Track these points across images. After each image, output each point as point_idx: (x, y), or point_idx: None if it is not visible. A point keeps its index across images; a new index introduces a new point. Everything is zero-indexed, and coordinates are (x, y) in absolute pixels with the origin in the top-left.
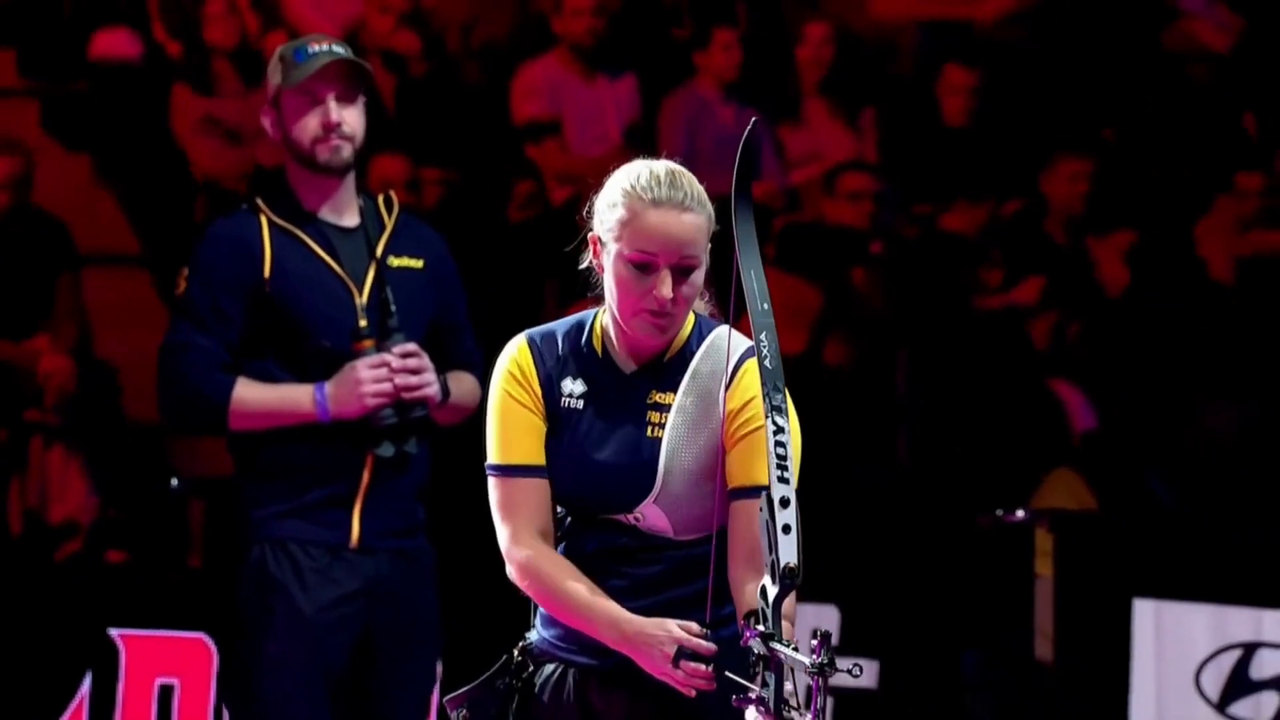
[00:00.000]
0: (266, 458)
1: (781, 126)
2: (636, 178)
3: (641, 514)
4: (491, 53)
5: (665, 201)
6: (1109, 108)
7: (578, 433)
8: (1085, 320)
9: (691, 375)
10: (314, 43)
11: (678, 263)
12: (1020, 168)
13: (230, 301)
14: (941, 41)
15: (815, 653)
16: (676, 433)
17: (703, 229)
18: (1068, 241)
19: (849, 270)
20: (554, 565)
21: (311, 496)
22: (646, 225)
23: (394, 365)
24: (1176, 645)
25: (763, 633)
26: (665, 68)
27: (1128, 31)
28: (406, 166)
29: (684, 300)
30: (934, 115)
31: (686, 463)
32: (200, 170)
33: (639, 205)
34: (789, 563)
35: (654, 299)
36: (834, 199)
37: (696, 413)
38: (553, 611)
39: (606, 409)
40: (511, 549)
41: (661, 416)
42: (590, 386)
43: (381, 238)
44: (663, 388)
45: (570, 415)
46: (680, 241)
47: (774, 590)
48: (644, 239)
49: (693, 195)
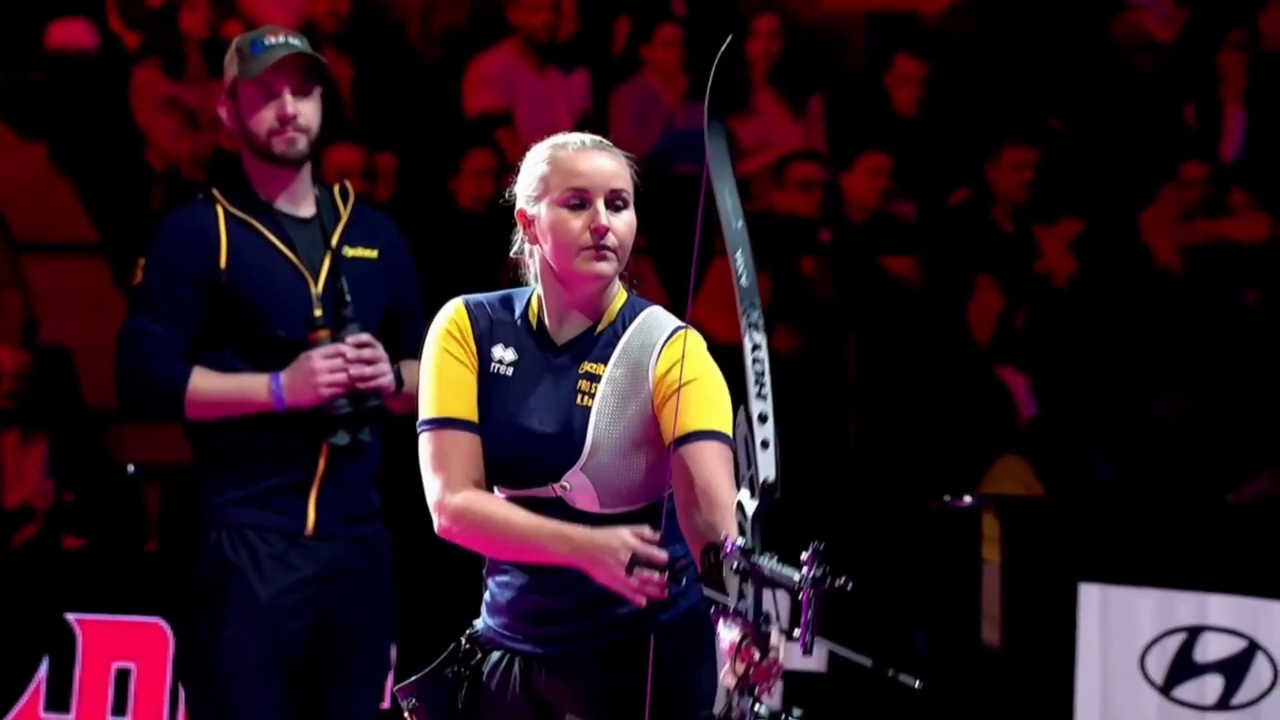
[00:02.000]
0: (223, 445)
1: (731, 117)
2: (555, 140)
3: (568, 483)
4: (450, 40)
5: (589, 146)
6: (1055, 97)
7: (507, 400)
8: (1032, 308)
9: (623, 348)
10: (270, 35)
11: (609, 197)
12: (967, 157)
13: (187, 291)
14: (890, 33)
15: (807, 565)
16: (606, 403)
17: (627, 174)
18: (1014, 230)
19: (798, 259)
20: (491, 501)
21: (268, 484)
22: (573, 165)
23: (349, 355)
24: (1122, 629)
25: (743, 547)
26: (615, 62)
27: (1074, 22)
28: (362, 156)
29: (621, 236)
30: (884, 106)
31: (614, 433)
32: (159, 151)
33: (562, 154)
34: (768, 477)
35: (593, 231)
36: (783, 189)
37: (626, 385)
38: (497, 550)
39: (537, 378)
40: (445, 496)
41: (592, 386)
42: (521, 356)
43: (337, 228)
44: (594, 359)
45: (498, 381)
46: (608, 174)
47: (753, 505)
48: (572, 177)
49: (614, 147)
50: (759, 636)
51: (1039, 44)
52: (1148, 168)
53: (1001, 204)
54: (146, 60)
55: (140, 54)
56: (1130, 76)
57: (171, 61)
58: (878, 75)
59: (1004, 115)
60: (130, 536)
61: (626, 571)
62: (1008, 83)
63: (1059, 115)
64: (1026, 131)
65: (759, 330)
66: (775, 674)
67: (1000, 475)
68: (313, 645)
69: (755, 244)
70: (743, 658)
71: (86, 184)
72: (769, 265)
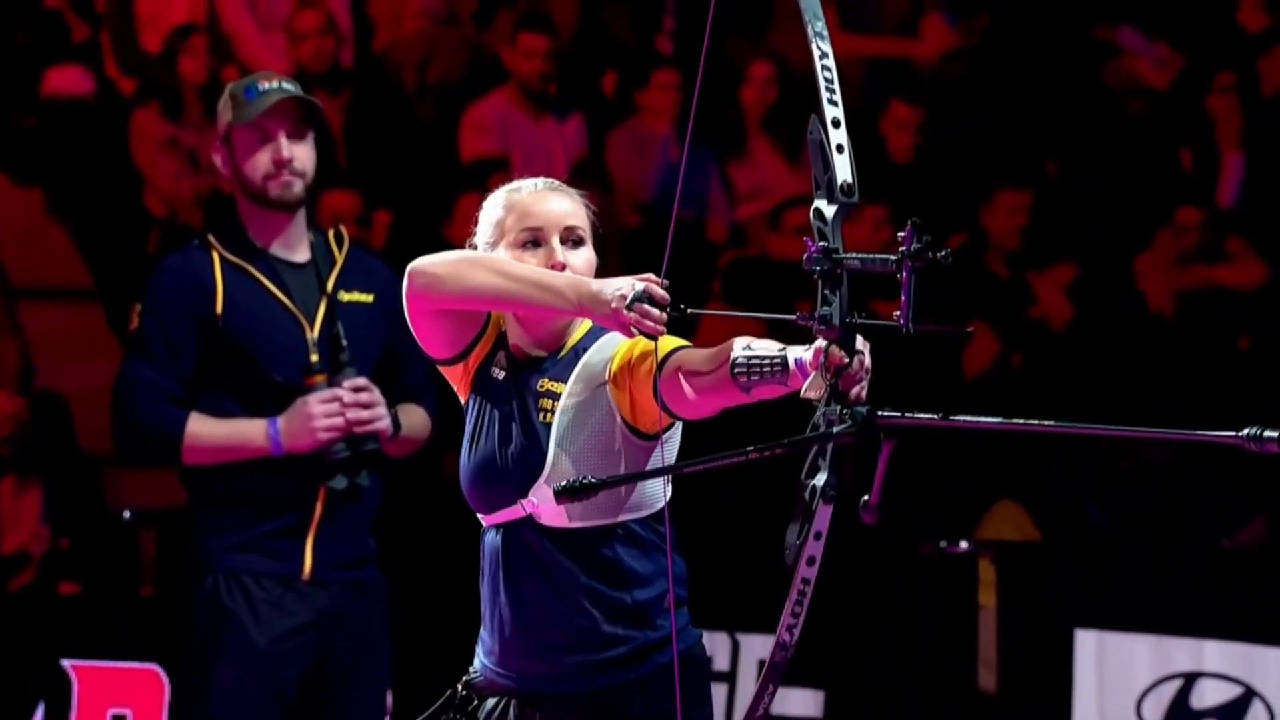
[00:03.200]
0: (220, 489)
1: (728, 163)
2: (511, 185)
3: (536, 497)
4: (445, 90)
5: (542, 189)
6: (1049, 141)
7: (487, 415)
8: (1027, 352)
9: (583, 365)
10: (264, 80)
11: (564, 234)
12: (962, 201)
13: (182, 336)
14: (885, 79)
15: (905, 240)
16: (566, 416)
17: (583, 213)
18: (1009, 275)
19: (794, 305)
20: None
21: (264, 528)
22: (527, 208)
23: (346, 400)
24: (1118, 675)
25: (826, 247)
26: (610, 108)
27: (1067, 67)
28: (357, 201)
29: (580, 273)
30: (880, 151)
31: (577, 444)
32: (160, 194)
33: (516, 198)
34: (846, 179)
35: (550, 269)
36: (780, 234)
37: (585, 397)
38: (495, 294)
39: (509, 391)
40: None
41: (552, 404)
42: (505, 374)
43: (332, 273)
44: (554, 377)
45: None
46: (562, 213)
47: (831, 209)
48: (526, 218)
49: (568, 188)
50: (845, 340)
51: (1033, 89)
52: (1143, 213)
53: (996, 249)
54: (146, 104)
55: (138, 99)
56: (1124, 121)
57: (171, 105)
58: (873, 120)
59: (998, 159)
60: (126, 582)
61: (627, 307)
62: (1002, 127)
63: (1053, 159)
64: (1020, 176)
65: (824, 39)
66: (863, 377)
67: (997, 520)
68: (309, 691)
69: (751, 289)
70: (830, 363)
71: (82, 229)
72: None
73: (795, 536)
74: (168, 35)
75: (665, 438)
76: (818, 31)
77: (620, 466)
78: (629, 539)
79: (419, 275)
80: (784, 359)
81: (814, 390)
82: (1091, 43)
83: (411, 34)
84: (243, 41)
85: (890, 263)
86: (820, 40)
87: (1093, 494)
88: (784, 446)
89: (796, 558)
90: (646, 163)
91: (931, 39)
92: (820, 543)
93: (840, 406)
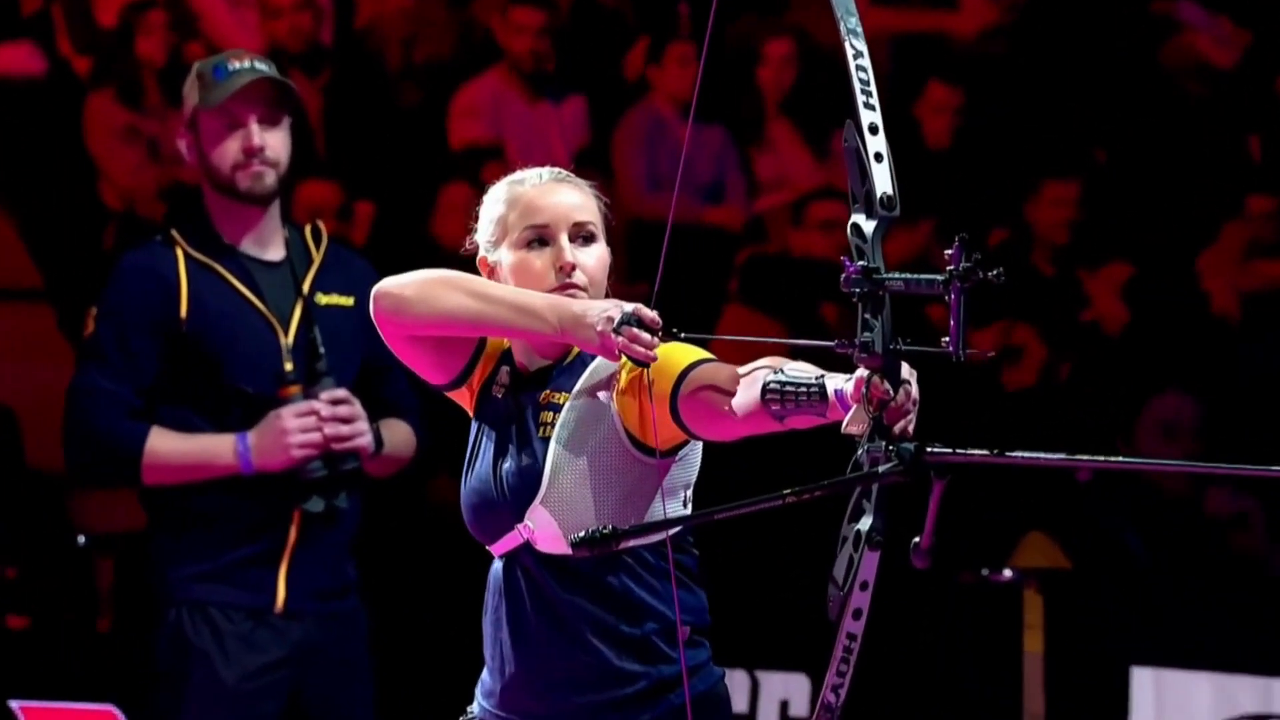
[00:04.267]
0: (183, 512)
1: (745, 150)
2: (513, 177)
3: (532, 521)
4: (433, 71)
5: (547, 180)
6: (1100, 127)
7: (486, 434)
8: (1077, 361)
9: (589, 374)
10: (234, 59)
11: (573, 231)
12: (1004, 194)
13: (143, 342)
14: (918, 57)
15: (953, 259)
16: (567, 430)
17: (594, 206)
18: (1057, 274)
19: (819, 306)
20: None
21: (233, 555)
22: (531, 202)
23: (323, 413)
24: (1178, 717)
25: (866, 266)
26: (615, 89)
27: (1120, 45)
28: (337, 193)
29: (590, 272)
30: (913, 138)
31: (578, 462)
32: (116, 187)
33: (518, 192)
34: (886, 191)
35: (558, 269)
36: (803, 229)
37: (589, 410)
38: (468, 317)
39: (507, 408)
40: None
41: (553, 417)
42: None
43: (309, 272)
44: (556, 387)
45: (490, 404)
46: (570, 206)
47: (870, 225)
48: (532, 214)
49: (576, 178)
50: (890, 369)
51: (1082, 68)
52: (1206, 204)
53: (1042, 245)
54: (102, 86)
55: (93, 81)
56: (1183, 104)
57: (128, 89)
58: (906, 104)
59: (1044, 146)
60: (80, 614)
61: (614, 330)
62: (1048, 111)
63: (1105, 146)
64: (1069, 164)
65: (858, 37)
66: (910, 410)
67: (1028, 553)
68: None
69: (771, 289)
70: (873, 395)
71: (30, 224)
72: (785, 312)
73: (839, 586)
74: (124, 9)
75: (681, 455)
76: (851, 29)
77: (626, 488)
78: (639, 567)
79: (384, 298)
80: (822, 387)
81: (855, 425)
82: (1147, 18)
83: (396, 9)
84: (209, 16)
85: (937, 283)
86: (854, 38)
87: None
88: (824, 488)
89: (841, 610)
90: (655, 149)
91: (970, 13)
92: (867, 594)
93: (885, 443)
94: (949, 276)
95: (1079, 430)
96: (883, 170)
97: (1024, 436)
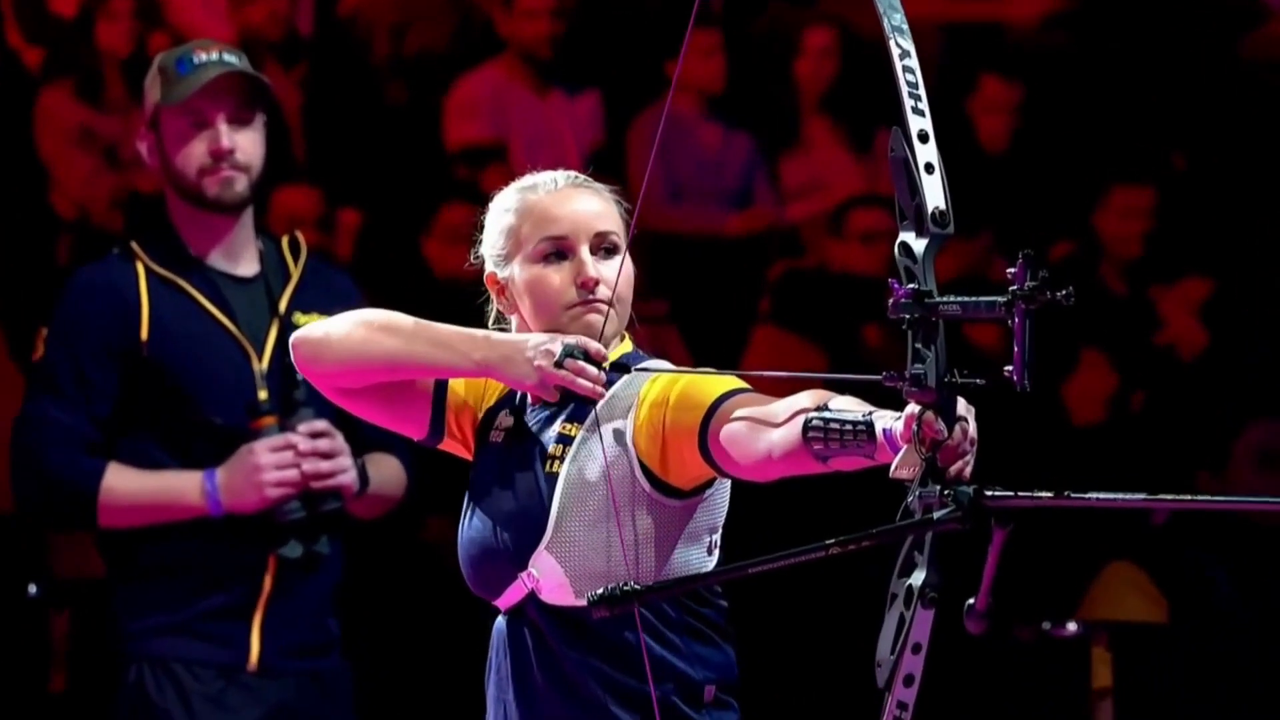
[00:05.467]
0: (146, 559)
1: (777, 152)
2: (523, 182)
3: (536, 568)
4: (426, 62)
5: (564, 185)
6: (1177, 127)
7: (487, 476)
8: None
9: (605, 404)
10: (200, 50)
11: (594, 242)
12: (1069, 202)
13: (99, 368)
14: (971, 48)
15: (1017, 278)
16: (577, 465)
17: (615, 213)
18: (1128, 292)
19: (861, 328)
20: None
21: (201, 607)
22: (546, 212)
23: (301, 447)
24: None
25: (916, 290)
26: (634, 82)
27: (1198, 35)
28: (317, 200)
29: (618, 288)
30: (966, 139)
31: (588, 504)
32: (69, 195)
33: (532, 199)
34: (938, 206)
35: (579, 285)
36: (842, 240)
37: (604, 443)
38: (385, 358)
39: (508, 450)
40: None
41: (563, 450)
42: (514, 422)
43: (285, 289)
44: (570, 418)
45: (489, 452)
46: (590, 215)
47: (921, 244)
48: (547, 224)
49: (595, 182)
50: (943, 404)
51: (1155, 61)
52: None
53: (1111, 260)
54: (55, 82)
55: (46, 75)
56: (1269, 101)
57: (86, 84)
58: (958, 101)
59: (1113, 149)
60: (32, 671)
61: (556, 364)
62: (1117, 109)
63: (1181, 149)
64: (1141, 169)
65: (905, 35)
66: (968, 450)
67: (1111, 588)
68: None
69: (807, 308)
70: (925, 434)
71: None
72: (823, 335)
73: (889, 650)
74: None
75: (707, 495)
76: (895, 26)
77: (642, 532)
78: (658, 621)
79: (300, 344)
80: (869, 425)
81: (905, 468)
82: (1229, 4)
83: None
84: (175, 3)
85: (998, 306)
86: (899, 37)
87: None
88: (872, 538)
89: (891, 676)
90: (677, 150)
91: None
92: (920, 658)
93: (940, 487)
94: (1012, 297)
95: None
96: (934, 182)
97: (1093, 476)
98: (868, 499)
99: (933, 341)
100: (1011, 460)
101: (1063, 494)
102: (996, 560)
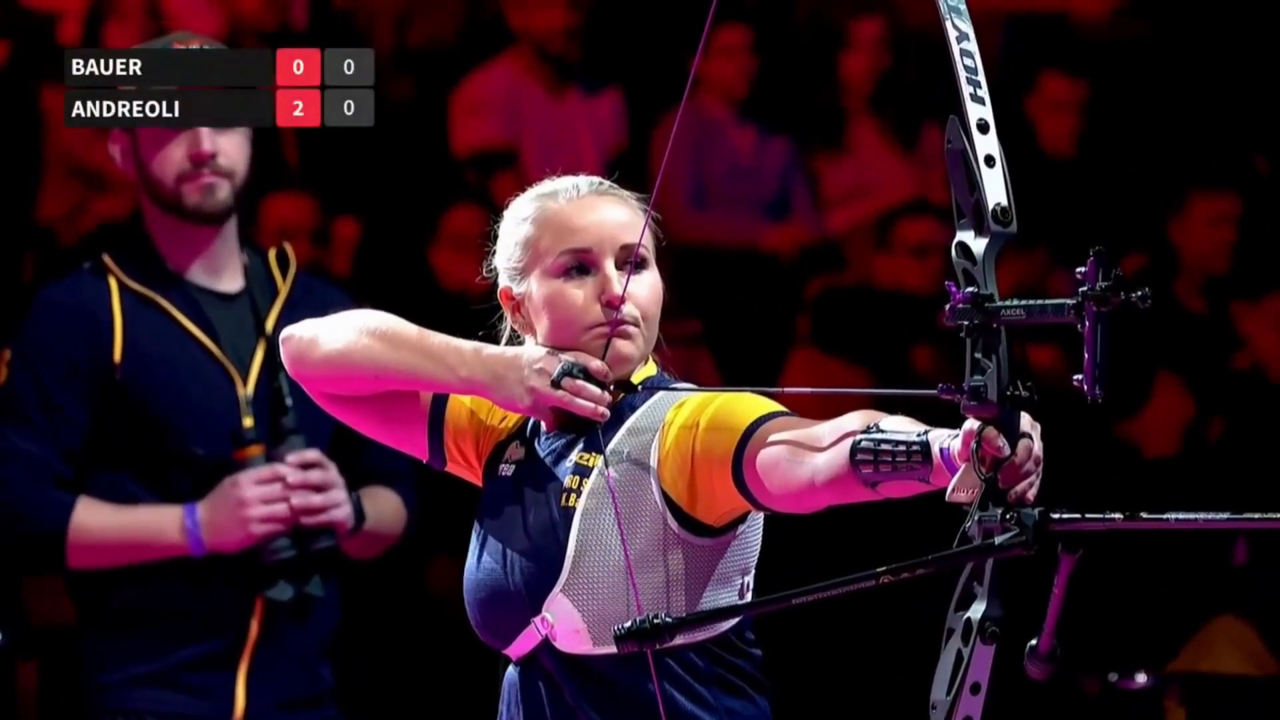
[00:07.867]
0: (120, 603)
1: (817, 156)
2: (541, 189)
3: (551, 613)
4: (432, 58)
5: (586, 193)
6: (1261, 129)
7: (497, 513)
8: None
9: (626, 431)
10: (178, 43)
11: (620, 256)
12: (1143, 211)
13: (67, 394)
14: (1034, 43)
15: (1088, 276)
16: (596, 499)
17: (638, 223)
18: (1208, 310)
19: (910, 350)
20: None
21: (181, 655)
22: (569, 221)
23: (290, 479)
24: None
25: (976, 294)
26: (660, 79)
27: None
28: (311, 209)
29: (642, 304)
30: (1028, 142)
31: (607, 540)
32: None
33: (551, 209)
34: (1000, 202)
35: (604, 303)
36: (889, 253)
37: (624, 475)
38: (368, 363)
39: (519, 483)
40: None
41: (581, 482)
42: (525, 454)
43: (273, 307)
44: (589, 448)
45: (499, 485)
46: (616, 225)
47: (980, 244)
48: (569, 235)
49: (620, 189)
50: (1005, 419)
51: (1235, 58)
52: None
53: (1190, 274)
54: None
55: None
56: None
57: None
58: (1019, 98)
59: (1191, 154)
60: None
61: (554, 383)
62: (1195, 110)
63: (1266, 153)
64: (1222, 175)
65: (962, 16)
66: (1033, 470)
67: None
68: None
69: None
70: (985, 452)
71: None
72: (868, 358)
73: (945, 690)
74: None
75: (739, 532)
76: (952, 6)
77: (668, 573)
78: (686, 673)
79: (286, 342)
80: (925, 445)
81: (963, 490)
82: None
83: None
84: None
85: (1067, 308)
86: (956, 17)
87: None
88: (927, 565)
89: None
90: (707, 155)
91: None
92: (979, 699)
93: (1001, 510)
94: (1082, 299)
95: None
96: (995, 176)
97: (1167, 512)
98: (918, 527)
99: (994, 351)
100: (1075, 495)
101: (1137, 515)
102: (1064, 591)
